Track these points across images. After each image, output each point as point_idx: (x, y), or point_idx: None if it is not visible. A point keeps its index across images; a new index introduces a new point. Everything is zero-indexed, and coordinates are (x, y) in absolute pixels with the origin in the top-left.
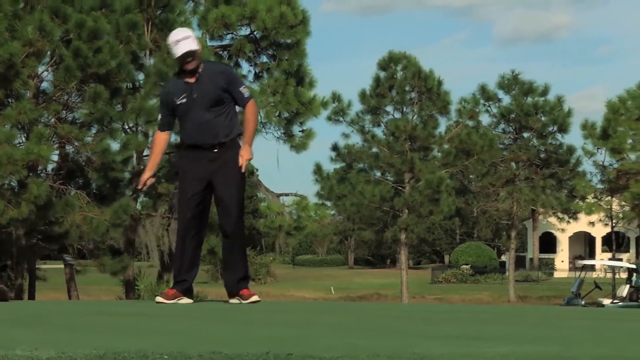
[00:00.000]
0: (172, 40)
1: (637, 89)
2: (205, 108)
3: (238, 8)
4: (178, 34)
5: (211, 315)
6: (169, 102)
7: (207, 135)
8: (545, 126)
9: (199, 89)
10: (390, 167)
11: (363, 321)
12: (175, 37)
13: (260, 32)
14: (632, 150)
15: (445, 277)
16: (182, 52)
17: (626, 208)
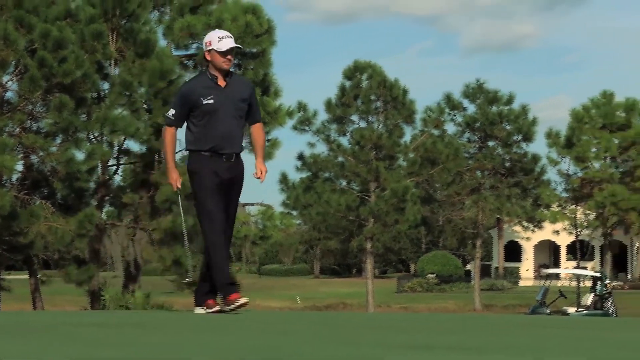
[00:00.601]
0: (216, 36)
1: (601, 97)
2: (231, 115)
3: (203, 17)
4: (221, 32)
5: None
6: (193, 99)
7: (230, 143)
8: (510, 135)
9: (228, 94)
10: (355, 176)
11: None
12: (218, 33)
13: None
14: (596, 158)
15: (411, 286)
16: (230, 46)
17: (590, 216)
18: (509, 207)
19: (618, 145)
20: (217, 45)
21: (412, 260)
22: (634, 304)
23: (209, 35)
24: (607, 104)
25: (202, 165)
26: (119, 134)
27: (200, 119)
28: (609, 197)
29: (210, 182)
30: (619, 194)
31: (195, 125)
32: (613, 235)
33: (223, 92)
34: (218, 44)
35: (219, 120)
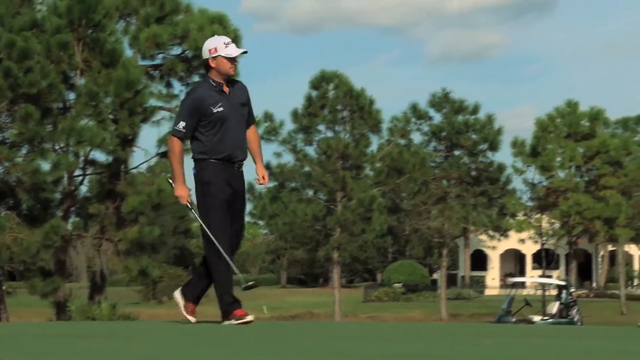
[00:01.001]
0: (222, 42)
1: (566, 107)
2: (239, 122)
3: (169, 27)
4: (224, 38)
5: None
6: (203, 109)
7: (239, 150)
8: (476, 144)
9: (233, 100)
10: (322, 186)
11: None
12: (223, 39)
13: (192, 51)
14: (561, 167)
15: (378, 295)
16: (240, 52)
17: (555, 225)
18: (475, 216)
19: (583, 155)
20: (224, 52)
21: (378, 269)
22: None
23: (213, 41)
24: (571, 114)
25: (215, 175)
26: (85, 144)
27: (211, 128)
28: (573, 206)
29: (222, 193)
30: (583, 203)
31: (205, 135)
32: (578, 244)
33: (229, 99)
34: (226, 50)
35: (229, 129)
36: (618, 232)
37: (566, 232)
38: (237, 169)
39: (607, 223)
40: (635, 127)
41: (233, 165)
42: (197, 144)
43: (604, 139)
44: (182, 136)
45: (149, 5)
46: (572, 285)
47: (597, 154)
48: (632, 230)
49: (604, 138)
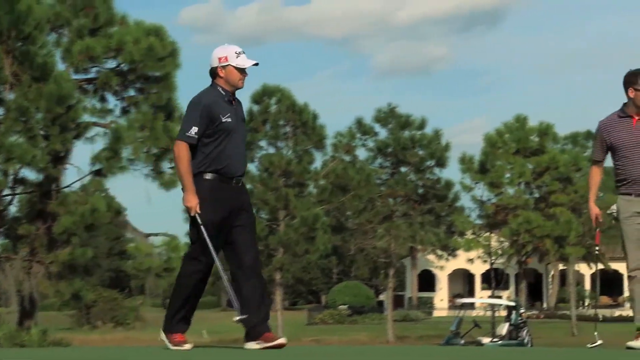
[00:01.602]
0: (233, 51)
1: (515, 122)
2: (242, 137)
3: (104, 40)
4: (236, 47)
5: None
6: (213, 116)
7: (241, 164)
8: (423, 160)
9: (238, 112)
10: (264, 204)
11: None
12: (235, 48)
13: (127, 64)
14: (510, 184)
15: (322, 318)
16: (251, 64)
17: (505, 244)
18: (423, 235)
19: (532, 171)
20: (235, 62)
21: (323, 291)
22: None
23: (223, 50)
24: (520, 129)
25: (210, 192)
26: (15, 162)
27: (216, 139)
28: (523, 224)
29: (215, 214)
30: (533, 220)
31: (207, 145)
32: (528, 263)
33: (235, 112)
34: (237, 60)
35: (233, 142)
36: (568, 250)
37: (516, 251)
38: (235, 184)
39: (558, 241)
40: (585, 143)
41: (231, 181)
42: (197, 154)
43: (554, 155)
44: (192, 142)
45: (82, 17)
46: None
47: (547, 170)
48: (583, 249)
49: (553, 154)
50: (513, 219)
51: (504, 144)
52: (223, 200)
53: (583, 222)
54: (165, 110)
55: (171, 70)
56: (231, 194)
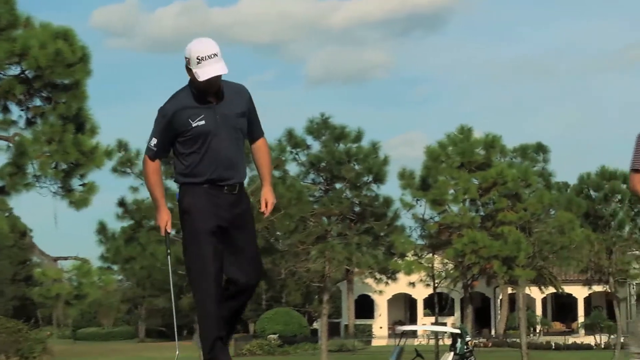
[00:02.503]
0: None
1: (458, 133)
2: (229, 137)
3: (6, 44)
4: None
5: None
6: (180, 123)
7: (231, 170)
8: (360, 176)
9: (223, 110)
10: None
11: None
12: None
13: (32, 71)
14: (454, 201)
15: (250, 348)
16: (208, 78)
17: (449, 266)
18: (360, 256)
19: (478, 187)
20: (195, 69)
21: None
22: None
23: (188, 48)
24: (465, 141)
25: (196, 201)
26: None
27: (191, 146)
28: (468, 244)
29: (205, 225)
30: (479, 240)
31: (185, 154)
32: (474, 287)
33: (215, 110)
34: (196, 69)
35: (215, 146)
36: (518, 272)
37: (461, 273)
38: (228, 192)
39: (506, 263)
40: (535, 156)
41: (222, 190)
42: (178, 164)
43: (501, 169)
44: (152, 155)
45: None
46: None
47: (494, 186)
48: (533, 271)
49: (500, 168)
50: (458, 239)
51: (447, 158)
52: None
53: (533, 241)
54: (75, 122)
55: (81, 77)
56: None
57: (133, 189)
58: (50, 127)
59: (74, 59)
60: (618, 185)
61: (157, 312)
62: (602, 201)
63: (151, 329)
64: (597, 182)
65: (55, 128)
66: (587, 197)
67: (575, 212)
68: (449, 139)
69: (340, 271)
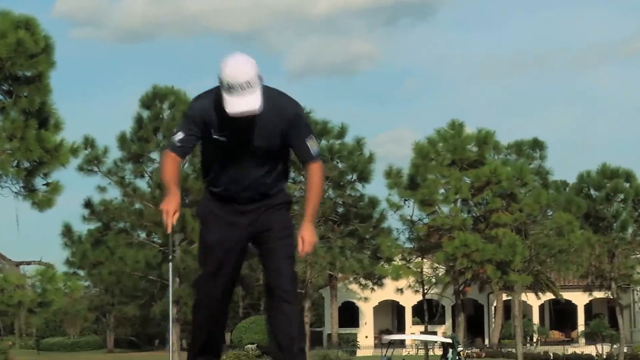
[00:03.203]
0: (226, 81)
1: (449, 129)
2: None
3: None
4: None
5: None
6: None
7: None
8: (343, 174)
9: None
10: (157, 227)
11: None
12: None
13: None
14: (444, 202)
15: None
16: (235, 113)
17: (439, 271)
18: (343, 261)
19: (470, 186)
20: (224, 94)
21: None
22: None
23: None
24: (456, 137)
25: (210, 210)
26: None
27: (211, 154)
28: (460, 248)
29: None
30: (472, 243)
31: (207, 160)
32: (466, 293)
33: (244, 127)
34: (225, 95)
35: (236, 165)
36: (513, 278)
37: (452, 279)
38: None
39: (500, 267)
40: (531, 153)
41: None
42: (202, 163)
43: (495, 167)
44: (176, 151)
45: None
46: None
47: (487, 185)
48: (530, 276)
49: (494, 166)
50: (448, 241)
51: (437, 155)
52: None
53: (530, 244)
54: (38, 117)
55: (45, 69)
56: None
57: (100, 189)
58: (11, 122)
59: (36, 49)
60: (620, 184)
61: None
62: (604, 201)
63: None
64: (598, 181)
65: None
66: (587, 197)
67: (575, 212)
68: (439, 135)
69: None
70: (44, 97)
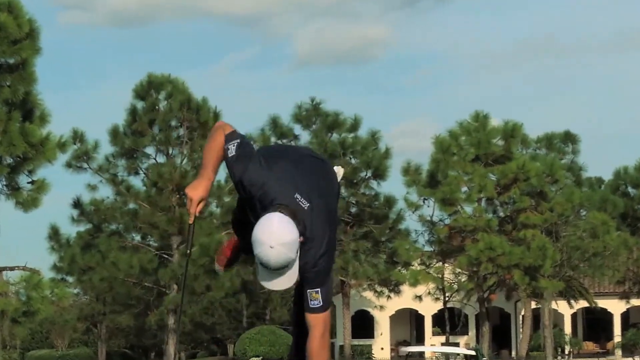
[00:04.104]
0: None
1: (473, 121)
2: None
3: None
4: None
5: None
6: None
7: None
8: (357, 171)
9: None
10: (152, 229)
11: None
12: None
13: None
14: (467, 201)
15: None
16: (268, 288)
17: (462, 277)
18: (357, 266)
19: (496, 183)
20: (256, 264)
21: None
22: None
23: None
24: (480, 129)
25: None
26: None
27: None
28: (484, 251)
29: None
30: (497, 246)
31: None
32: (492, 301)
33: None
34: (257, 268)
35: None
36: (543, 284)
37: (476, 285)
38: None
39: (529, 273)
40: (562, 147)
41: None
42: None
43: (523, 163)
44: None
45: None
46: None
47: (514, 182)
48: (561, 282)
49: (522, 161)
50: (472, 244)
51: (460, 149)
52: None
53: (561, 247)
54: (22, 108)
55: (29, 56)
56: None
57: (91, 187)
58: None
59: (20, 34)
60: None
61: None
62: None
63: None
64: (636, 178)
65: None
66: (624, 195)
67: (611, 212)
68: (461, 127)
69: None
70: (29, 86)
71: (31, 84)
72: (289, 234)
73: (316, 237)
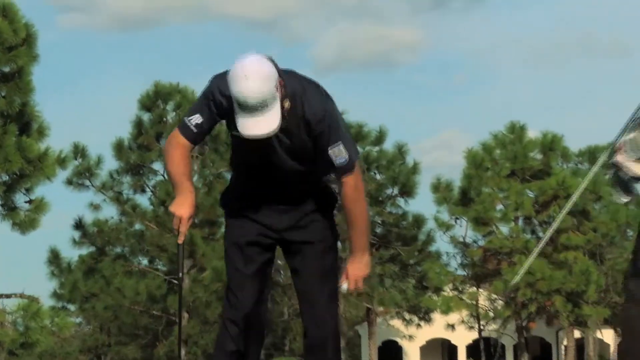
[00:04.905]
0: (236, 99)
1: (508, 132)
2: (284, 174)
3: None
4: (249, 91)
5: None
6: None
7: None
8: (382, 188)
9: (273, 143)
10: (161, 252)
11: None
12: (241, 94)
13: None
14: (503, 220)
15: None
16: (247, 135)
17: (498, 303)
18: (383, 291)
19: (534, 201)
20: (235, 111)
21: None
22: None
23: (230, 80)
24: (516, 142)
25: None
26: None
27: (235, 149)
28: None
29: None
30: (536, 270)
31: (232, 147)
32: (531, 330)
33: (262, 145)
34: (236, 112)
35: (255, 171)
36: (586, 311)
37: (513, 312)
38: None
39: (571, 299)
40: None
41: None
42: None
43: (563, 178)
44: (185, 134)
45: None
46: None
47: (554, 200)
48: (607, 309)
49: (562, 176)
50: (508, 268)
51: (494, 164)
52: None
53: (606, 271)
54: (18, 121)
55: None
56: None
57: (93, 207)
58: None
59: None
60: None
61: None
62: None
63: None
64: None
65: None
66: None
67: None
68: (496, 139)
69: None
70: (25, 97)
71: (28, 94)
72: (266, 66)
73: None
